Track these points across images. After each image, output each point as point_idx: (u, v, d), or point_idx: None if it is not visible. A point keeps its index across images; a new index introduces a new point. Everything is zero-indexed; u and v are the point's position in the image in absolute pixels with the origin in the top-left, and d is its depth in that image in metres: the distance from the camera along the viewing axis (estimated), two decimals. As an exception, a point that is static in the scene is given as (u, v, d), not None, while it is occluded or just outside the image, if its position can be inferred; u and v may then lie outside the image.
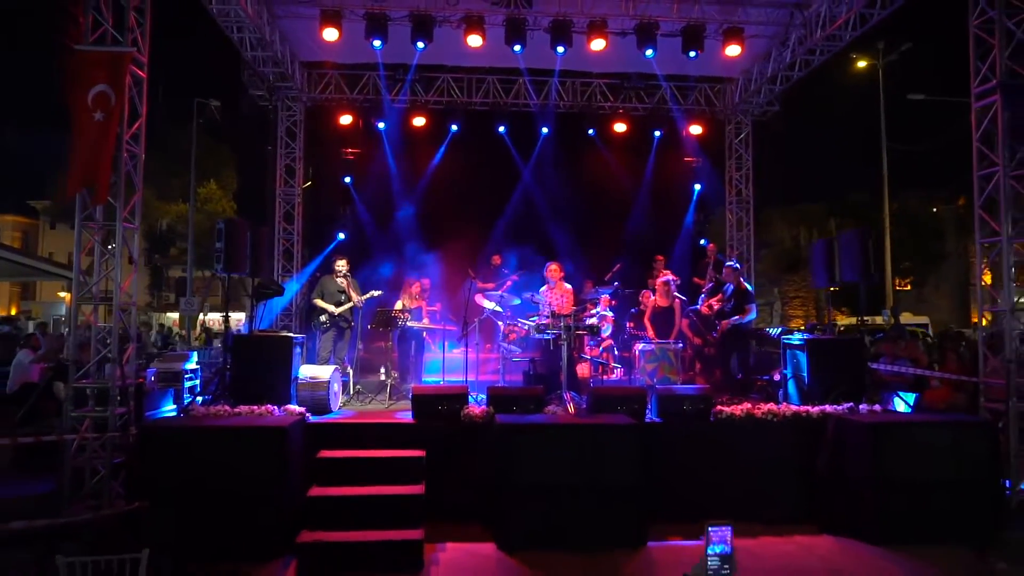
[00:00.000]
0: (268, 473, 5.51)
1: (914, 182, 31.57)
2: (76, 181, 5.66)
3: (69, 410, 5.78)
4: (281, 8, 9.83)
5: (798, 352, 7.68)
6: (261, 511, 5.46)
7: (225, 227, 7.16)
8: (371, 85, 11.94)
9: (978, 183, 6.79)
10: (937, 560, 5.54)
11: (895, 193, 28.90)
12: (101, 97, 5.74)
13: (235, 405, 6.56)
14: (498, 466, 5.85)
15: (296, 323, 11.53)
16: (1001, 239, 6.49)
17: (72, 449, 5.75)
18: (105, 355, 5.87)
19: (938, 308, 35.49)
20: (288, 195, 11.98)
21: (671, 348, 8.06)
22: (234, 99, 14.32)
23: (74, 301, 6.03)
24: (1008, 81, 6.48)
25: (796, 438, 6.67)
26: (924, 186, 32.94)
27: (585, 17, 9.65)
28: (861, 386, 7.30)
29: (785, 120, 12.47)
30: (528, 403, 6.74)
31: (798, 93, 11.90)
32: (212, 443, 5.58)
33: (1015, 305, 6.53)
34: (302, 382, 7.16)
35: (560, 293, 8.28)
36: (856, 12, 8.99)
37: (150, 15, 6.21)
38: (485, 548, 5.76)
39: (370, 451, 6.19)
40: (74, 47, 5.80)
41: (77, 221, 5.89)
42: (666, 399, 6.75)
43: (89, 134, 5.69)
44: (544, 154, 12.38)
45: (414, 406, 6.64)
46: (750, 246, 12.64)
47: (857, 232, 7.56)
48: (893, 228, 27.07)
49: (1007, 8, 6.60)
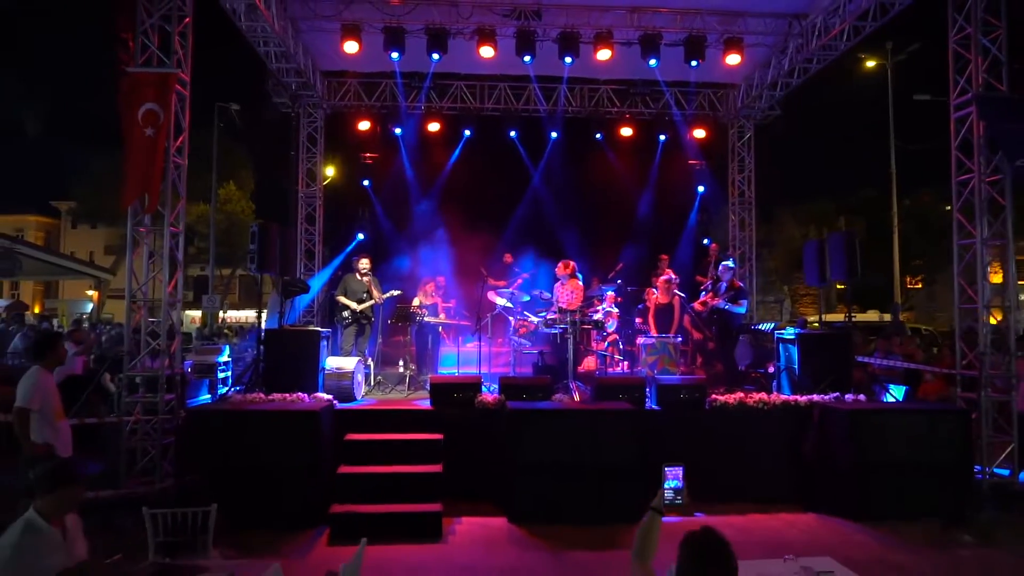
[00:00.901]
0: (302, 452, 6.13)
1: (924, 180, 31.79)
2: (132, 192, 6.30)
3: (124, 397, 6.43)
4: (305, 23, 10.43)
5: (790, 346, 8.21)
6: (297, 486, 6.08)
7: (258, 230, 7.80)
8: (388, 92, 12.52)
9: (956, 188, 7.29)
10: (909, 534, 6.07)
11: (907, 191, 29.14)
12: (150, 114, 6.37)
13: (268, 393, 7.19)
14: (508, 447, 6.44)
15: (317, 319, 12.16)
16: (975, 241, 6.99)
17: (127, 431, 6.40)
18: (155, 347, 6.50)
19: (950, 305, 35.75)
20: (310, 197, 12.61)
21: (671, 342, 8.62)
22: (253, 102, 14.98)
23: (128, 299, 6.66)
24: (984, 94, 6.97)
25: (784, 425, 7.21)
26: (934, 184, 33.17)
27: (592, 29, 10.16)
28: (848, 377, 7.83)
29: (796, 118, 12.79)
30: (537, 391, 7.33)
31: (808, 91, 12.13)
32: (252, 425, 6.22)
33: (989, 303, 7.02)
34: (329, 372, 7.78)
35: (571, 289, 8.83)
36: (849, 24, 9.46)
37: (192, 39, 6.83)
38: (497, 522, 6.37)
39: (393, 435, 6.80)
40: (126, 69, 6.43)
41: (129, 227, 6.52)
42: (664, 388, 7.31)
43: (141, 148, 6.32)
44: (553, 157, 12.90)
45: (432, 394, 7.24)
46: (752, 245, 13.13)
47: (844, 235, 8.09)
48: (903, 226, 27.35)
49: (983, 26, 7.08)
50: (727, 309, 8.74)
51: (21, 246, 18.40)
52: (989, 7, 7.12)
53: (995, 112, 6.84)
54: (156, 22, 6.59)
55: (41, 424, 4.90)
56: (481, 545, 5.88)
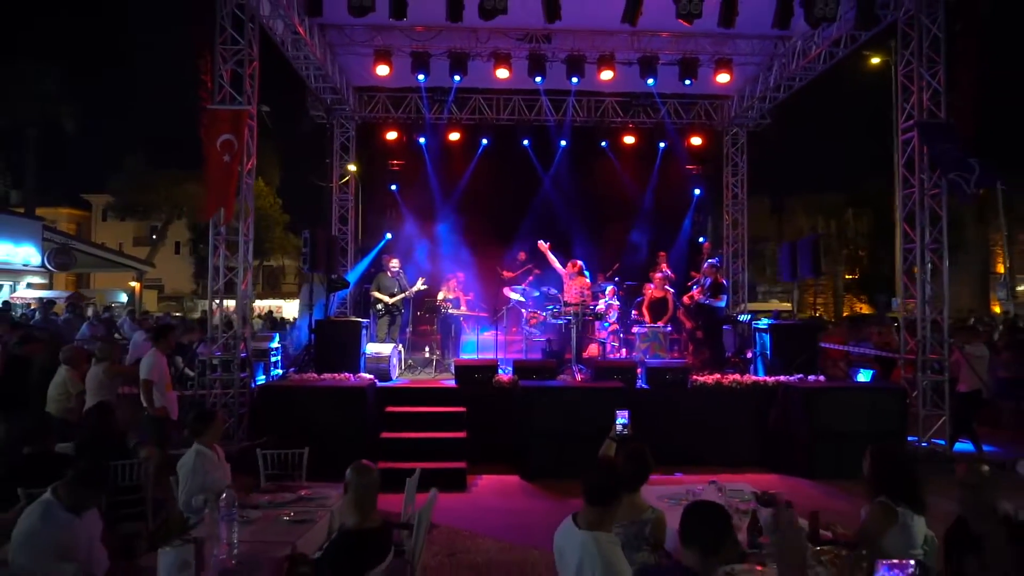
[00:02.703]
0: (353, 420, 7.56)
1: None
2: (212, 207, 7.72)
3: (207, 375, 7.88)
4: (341, 48, 11.79)
5: (764, 335, 9.51)
6: (348, 448, 7.44)
7: (310, 235, 9.21)
8: (413, 105, 13.85)
9: (901, 200, 8.54)
10: (849, 488, 7.37)
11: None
12: (227, 144, 7.76)
13: (320, 373, 8.62)
14: (520, 418, 7.84)
15: (350, 310, 13.59)
16: (915, 246, 8.25)
17: (209, 403, 7.85)
18: (233, 333, 7.95)
19: (958, 295, 36.59)
20: (343, 200, 14.04)
21: (661, 331, 9.96)
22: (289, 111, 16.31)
23: (210, 295, 8.10)
24: (925, 121, 8.20)
25: (754, 402, 8.54)
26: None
27: (596, 51, 11.42)
28: (813, 361, 9.12)
29: (808, 112, 13.51)
30: (545, 373, 8.70)
31: (819, 86, 12.79)
32: (313, 399, 7.66)
33: (930, 298, 8.29)
34: (369, 356, 9.21)
35: (577, 286, 10.16)
36: (825, 49, 10.66)
37: (258, 80, 8.21)
38: (511, 478, 7.78)
39: (425, 407, 8.21)
40: (207, 106, 7.83)
41: (211, 235, 7.95)
42: (652, 370, 8.66)
43: (219, 171, 7.73)
44: (562, 164, 14.11)
45: (456, 375, 8.64)
46: (744, 243, 14.38)
47: (811, 238, 9.37)
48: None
49: (927, 62, 8.30)
50: (708, 303, 10.05)
51: (74, 242, 20.02)
52: (931, 46, 8.33)
53: (934, 136, 8.07)
54: (230, 66, 7.98)
55: (159, 393, 6.35)
56: (499, 494, 7.31)
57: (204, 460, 4.28)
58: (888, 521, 3.27)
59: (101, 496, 3.60)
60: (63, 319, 14.34)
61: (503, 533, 6.09)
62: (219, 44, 7.97)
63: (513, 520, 6.51)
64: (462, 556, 5.59)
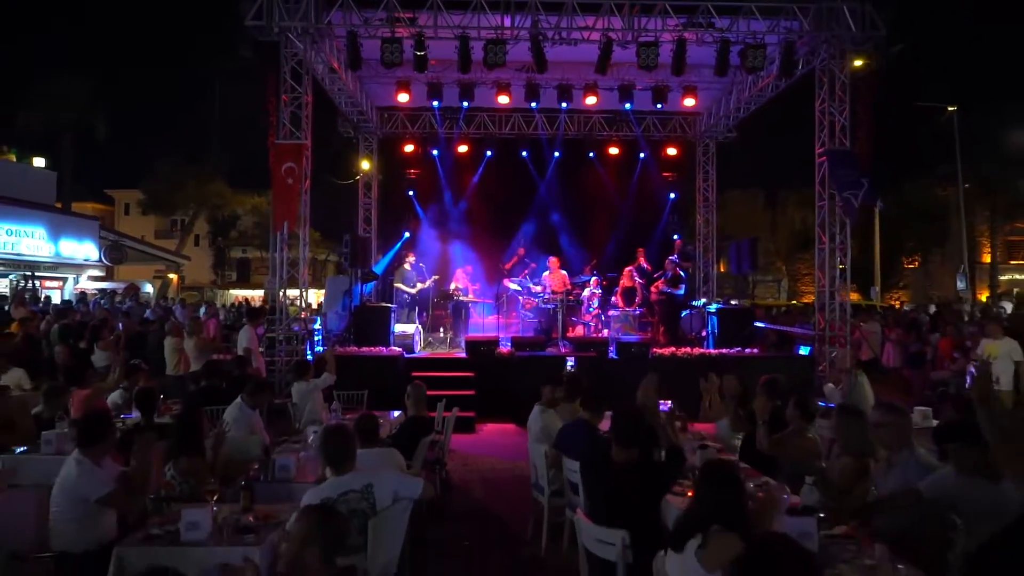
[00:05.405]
0: (390, 381, 9.93)
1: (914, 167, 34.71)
2: (279, 221, 10.10)
3: (276, 348, 10.30)
4: (368, 79, 14.09)
5: (713, 317, 11.85)
6: (386, 398, 9.87)
7: (350, 238, 11.58)
8: (427, 122, 16.12)
9: (817, 210, 10.83)
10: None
11: (905, 176, 32.10)
12: (290, 170, 10.11)
13: (360, 346, 11.00)
14: (516, 380, 10.21)
15: (374, 297, 15.95)
16: (824, 246, 10.56)
17: (279, 369, 10.25)
18: (296, 316, 10.35)
19: (943, 284, 38.52)
20: (366, 204, 16.40)
21: (632, 314, 12.33)
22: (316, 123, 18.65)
23: (277, 287, 10.47)
24: (831, 148, 10.47)
25: (701, 368, 10.84)
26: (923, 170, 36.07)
27: (582, 80, 13.66)
28: (750, 337, 11.46)
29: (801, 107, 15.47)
30: (536, 347, 11.08)
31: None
32: (359, 364, 10.04)
33: (837, 288, 10.60)
34: (397, 334, 11.60)
35: (558, 279, 12.53)
36: (771, 82, 12.88)
37: (312, 119, 10.55)
38: (510, 426, 10.18)
39: (442, 372, 10.60)
40: (274, 141, 10.18)
41: (279, 242, 10.32)
42: (621, 345, 11.02)
43: (284, 193, 10.09)
44: (555, 172, 16.37)
45: (467, 348, 11.04)
46: (714, 240, 16.63)
47: (750, 240, 11.69)
48: (897, 210, 30.28)
49: (836, 101, 10.55)
50: (669, 292, 12.39)
51: (124, 239, 22.46)
52: (842, 87, 10.58)
53: (838, 161, 10.34)
54: (291, 109, 10.31)
55: (254, 357, 8.75)
56: (500, 435, 9.74)
57: (247, 418, 6.21)
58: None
59: (270, 398, 5.96)
60: (127, 306, 16.82)
61: (501, 454, 8.52)
62: (282, 93, 10.29)
63: (508, 450, 8.91)
64: (472, 465, 8.07)
